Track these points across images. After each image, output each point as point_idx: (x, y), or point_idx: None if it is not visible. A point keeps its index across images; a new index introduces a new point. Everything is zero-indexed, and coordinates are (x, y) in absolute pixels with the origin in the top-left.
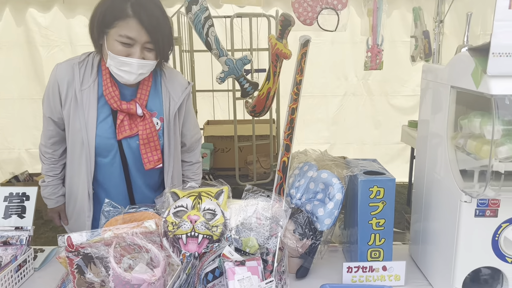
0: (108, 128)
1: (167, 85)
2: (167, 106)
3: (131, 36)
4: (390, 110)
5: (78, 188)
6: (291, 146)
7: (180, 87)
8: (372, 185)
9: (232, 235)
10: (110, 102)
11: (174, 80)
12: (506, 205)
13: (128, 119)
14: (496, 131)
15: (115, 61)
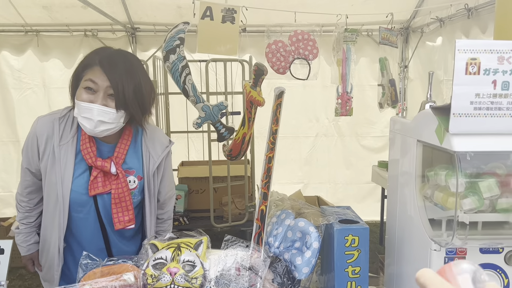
0: (83, 183)
1: (147, 144)
2: (146, 164)
3: (93, 80)
4: (360, 150)
5: (50, 240)
6: (269, 195)
7: (160, 146)
8: (347, 234)
9: (211, 287)
10: (86, 158)
11: (155, 139)
12: (473, 253)
13: (102, 176)
14: (460, 184)
15: (79, 108)
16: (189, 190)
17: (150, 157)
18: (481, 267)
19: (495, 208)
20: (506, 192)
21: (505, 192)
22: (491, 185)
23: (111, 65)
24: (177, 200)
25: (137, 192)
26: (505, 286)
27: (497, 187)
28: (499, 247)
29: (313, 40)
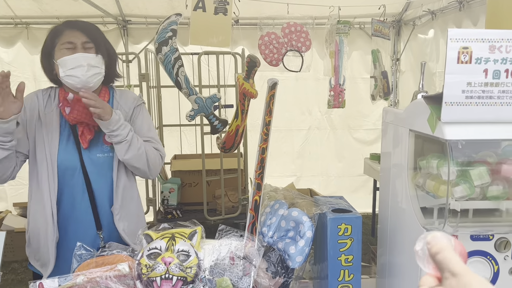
0: (70, 147)
1: (119, 101)
2: None
3: (71, 41)
4: (352, 143)
5: (43, 214)
6: (262, 185)
7: (131, 99)
8: (340, 223)
9: (206, 276)
10: (68, 117)
11: (126, 95)
12: (463, 240)
13: (87, 129)
14: (451, 172)
15: (64, 63)
16: (182, 183)
17: (122, 109)
18: (472, 254)
19: (486, 195)
20: (496, 179)
21: (495, 180)
22: (482, 173)
23: (78, 24)
24: (170, 193)
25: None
26: (495, 273)
27: (487, 175)
28: (489, 234)
29: (306, 32)
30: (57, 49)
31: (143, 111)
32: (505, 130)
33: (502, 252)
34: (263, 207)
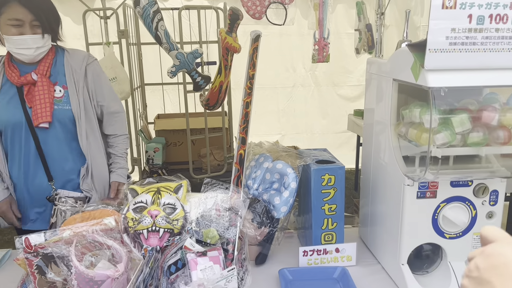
0: (15, 105)
1: (69, 60)
2: (70, 76)
3: (18, 18)
4: (337, 99)
5: None
6: (247, 139)
7: (81, 58)
8: (324, 173)
9: (192, 228)
10: (12, 79)
11: (76, 55)
12: (444, 187)
13: (33, 89)
14: (433, 120)
15: (11, 42)
16: (166, 142)
17: (73, 70)
18: (451, 199)
19: (466, 142)
20: (477, 126)
21: (476, 127)
22: (463, 120)
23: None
24: (155, 153)
25: (65, 100)
26: (473, 217)
27: (469, 122)
28: (469, 181)
29: None
30: (3, 21)
31: (98, 72)
32: (487, 77)
33: (480, 197)
34: (248, 161)
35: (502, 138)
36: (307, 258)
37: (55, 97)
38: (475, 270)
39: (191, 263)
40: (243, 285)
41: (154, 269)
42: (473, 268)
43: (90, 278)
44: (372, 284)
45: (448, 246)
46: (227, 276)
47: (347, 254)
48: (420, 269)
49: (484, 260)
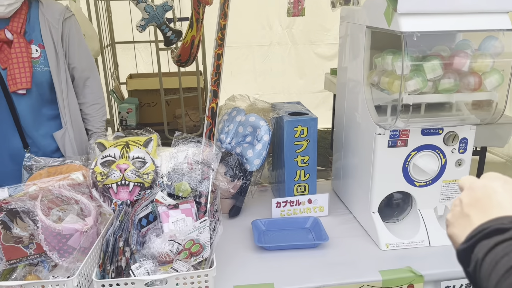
0: None
1: (44, 14)
2: (47, 33)
3: None
4: (314, 58)
5: None
6: (219, 92)
7: (58, 12)
8: (297, 125)
9: (164, 182)
10: None
11: (52, 7)
12: (414, 135)
13: (7, 47)
14: (405, 66)
15: None
16: (140, 103)
17: (51, 25)
18: (422, 148)
19: (438, 89)
20: (448, 73)
21: (447, 73)
22: (435, 66)
23: None
24: (128, 114)
25: (42, 61)
26: (442, 165)
27: (440, 68)
28: (439, 129)
29: None
30: None
31: (74, 30)
32: (460, 21)
33: (450, 145)
34: (221, 115)
35: (472, 84)
36: (280, 209)
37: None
38: (458, 204)
39: (163, 215)
40: (215, 234)
41: (124, 222)
42: (457, 203)
43: (57, 232)
44: (344, 232)
45: (418, 194)
46: (199, 227)
47: (319, 204)
48: (391, 217)
49: (469, 195)
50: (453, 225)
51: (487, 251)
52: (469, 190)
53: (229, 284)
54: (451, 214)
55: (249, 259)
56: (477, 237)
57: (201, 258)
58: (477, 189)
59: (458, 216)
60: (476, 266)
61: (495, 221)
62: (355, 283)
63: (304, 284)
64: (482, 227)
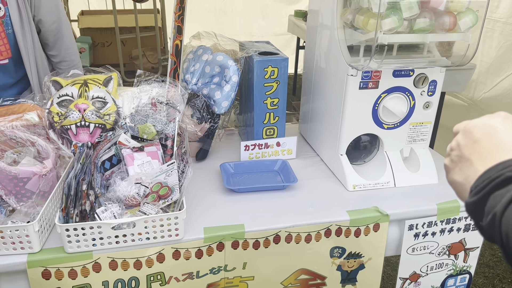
0: None
1: None
2: None
3: None
4: None
5: None
6: (183, 28)
7: None
8: (267, 65)
9: (127, 123)
10: None
11: None
12: (386, 77)
13: None
14: (382, 3)
15: None
16: (93, 43)
17: None
18: (392, 90)
19: (413, 28)
20: (424, 12)
21: (423, 12)
22: (412, 4)
23: None
24: (81, 53)
25: (8, 21)
26: (411, 107)
27: (417, 6)
28: (410, 71)
29: None
30: None
31: None
32: None
33: (419, 87)
34: (185, 54)
35: (447, 24)
36: (248, 152)
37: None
38: (456, 148)
39: (127, 158)
40: (184, 177)
41: (86, 165)
42: (454, 146)
43: (13, 175)
44: (312, 174)
45: (385, 136)
46: (167, 170)
47: (287, 147)
48: (358, 159)
49: (466, 136)
50: (453, 171)
51: (507, 203)
52: (466, 131)
53: (199, 226)
54: (449, 159)
55: (218, 202)
56: (489, 187)
57: (170, 201)
58: (474, 129)
59: (458, 161)
60: (495, 221)
61: (504, 166)
62: (323, 223)
63: (274, 225)
64: (491, 175)
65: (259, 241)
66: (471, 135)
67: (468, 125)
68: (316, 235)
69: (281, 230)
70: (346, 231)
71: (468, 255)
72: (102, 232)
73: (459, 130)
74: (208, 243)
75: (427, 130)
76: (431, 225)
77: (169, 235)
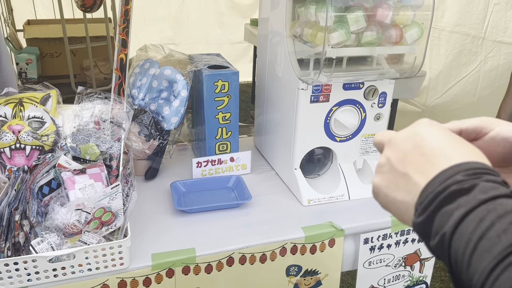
0: None
1: None
2: None
3: None
4: (232, 7)
5: None
6: (129, 41)
7: None
8: (217, 79)
9: (67, 144)
10: None
11: None
12: (336, 90)
13: None
14: (329, 17)
15: None
16: (41, 53)
17: None
18: (343, 103)
19: (360, 41)
20: (371, 25)
21: (370, 25)
22: (359, 18)
23: None
24: (28, 65)
25: None
26: (362, 120)
27: (363, 20)
28: (360, 83)
29: None
30: None
31: None
32: None
33: (370, 100)
34: (132, 68)
35: (394, 37)
36: (201, 169)
37: None
38: (386, 163)
39: (68, 182)
40: (129, 201)
41: (21, 191)
42: (383, 162)
43: None
44: (267, 190)
45: (338, 149)
46: (111, 194)
47: (242, 162)
48: (312, 172)
49: (394, 150)
50: (388, 189)
51: (455, 225)
52: (392, 145)
53: (147, 253)
54: (380, 178)
55: (168, 225)
56: (435, 204)
57: (113, 227)
58: (402, 142)
59: (392, 178)
60: (443, 243)
61: (446, 177)
62: (278, 242)
63: (227, 247)
64: (434, 189)
65: (212, 265)
66: (400, 148)
67: (394, 138)
68: (271, 254)
69: (235, 251)
70: (301, 249)
71: (423, 265)
72: (38, 266)
73: (382, 142)
74: (157, 270)
75: None
76: (386, 237)
77: (113, 265)
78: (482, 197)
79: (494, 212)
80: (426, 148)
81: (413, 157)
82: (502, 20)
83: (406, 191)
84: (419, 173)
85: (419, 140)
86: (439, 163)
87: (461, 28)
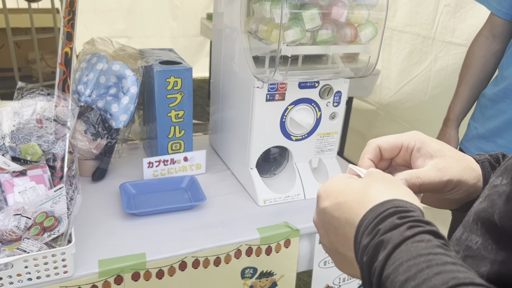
0: None
1: None
2: None
3: None
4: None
5: None
6: (74, 34)
7: None
8: (169, 76)
9: (6, 144)
10: None
11: None
12: (292, 89)
13: None
14: (284, 14)
15: None
16: None
17: None
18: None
19: (316, 40)
20: (326, 23)
21: (325, 24)
22: (314, 16)
23: None
24: None
25: None
26: (317, 119)
27: (319, 18)
28: (315, 82)
29: None
30: None
31: None
32: None
33: (325, 98)
34: (78, 62)
35: (349, 36)
36: (152, 169)
37: None
38: (323, 234)
39: (6, 185)
40: (73, 205)
41: None
42: (321, 232)
43: None
44: (222, 190)
45: (294, 148)
46: (54, 197)
47: (196, 162)
48: (268, 171)
49: (319, 224)
50: (338, 264)
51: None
52: (317, 215)
53: (93, 259)
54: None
55: (117, 229)
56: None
57: (56, 233)
58: (319, 217)
59: (333, 255)
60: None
61: (359, 245)
62: (233, 244)
63: (180, 251)
64: (361, 257)
65: (163, 270)
66: (322, 224)
67: (316, 210)
68: (225, 257)
69: (187, 255)
70: (257, 250)
71: None
72: None
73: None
74: (104, 277)
75: (334, 140)
76: None
77: (56, 273)
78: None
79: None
80: (335, 227)
81: (333, 235)
82: (451, 22)
83: (350, 269)
84: (344, 248)
85: (329, 219)
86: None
87: (412, 28)
